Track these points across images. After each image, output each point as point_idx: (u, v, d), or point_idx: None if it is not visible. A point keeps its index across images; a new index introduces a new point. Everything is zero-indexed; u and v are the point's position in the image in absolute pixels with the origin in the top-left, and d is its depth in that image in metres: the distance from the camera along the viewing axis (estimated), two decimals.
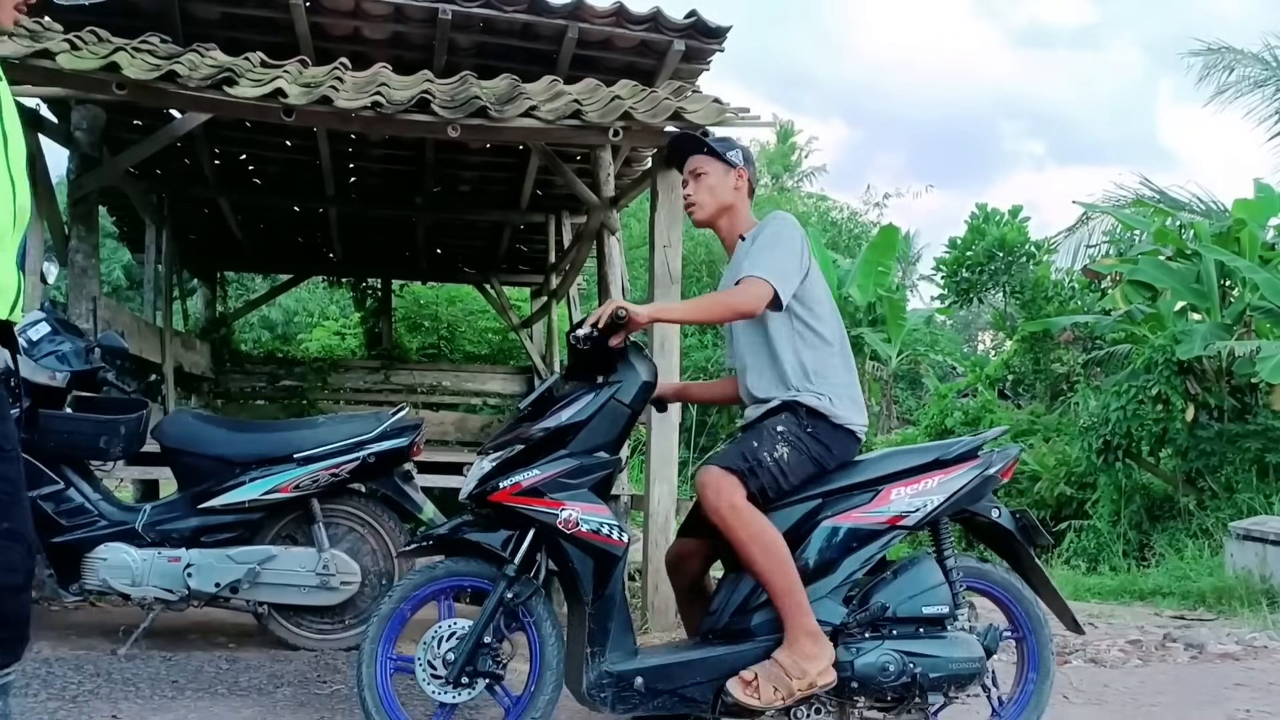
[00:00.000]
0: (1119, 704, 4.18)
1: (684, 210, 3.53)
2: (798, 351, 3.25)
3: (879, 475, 3.25)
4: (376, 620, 3.11)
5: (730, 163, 3.38)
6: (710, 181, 3.36)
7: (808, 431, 3.18)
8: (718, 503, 3.03)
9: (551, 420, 3.11)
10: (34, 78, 4.86)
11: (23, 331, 4.39)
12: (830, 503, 3.20)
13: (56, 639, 4.54)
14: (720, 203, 3.38)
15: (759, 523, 3.05)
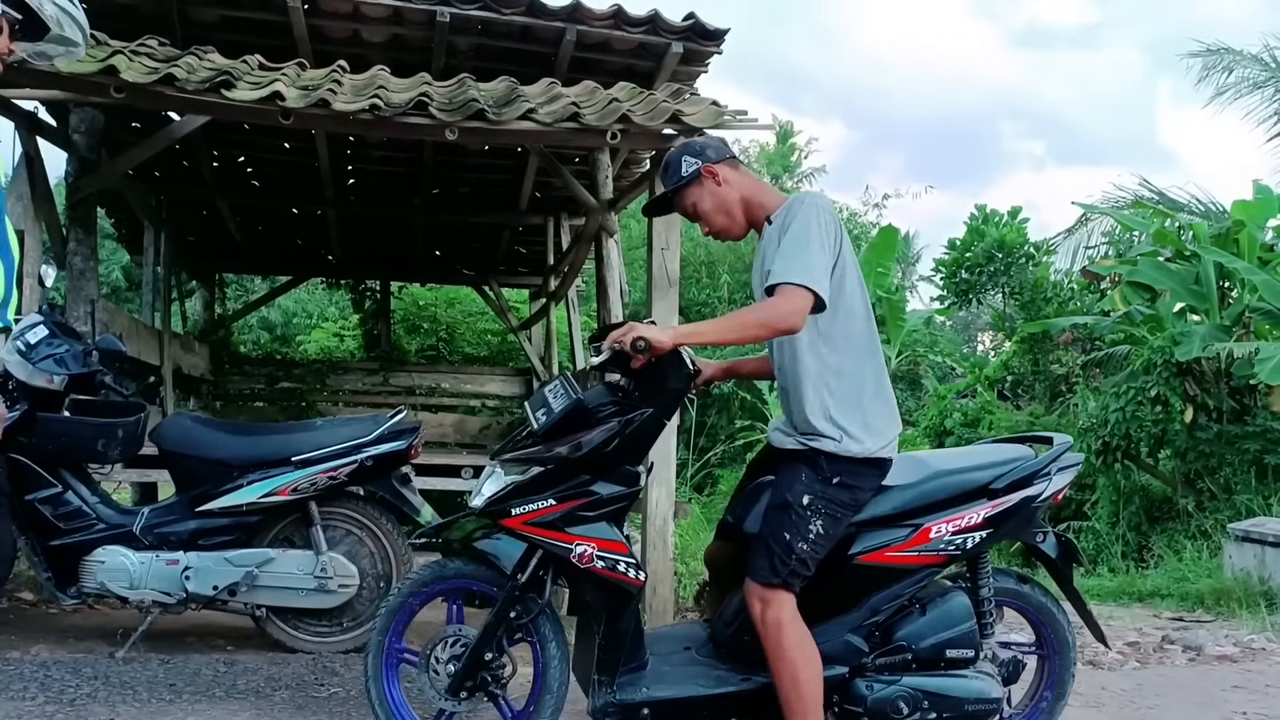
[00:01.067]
0: (1116, 706, 4.18)
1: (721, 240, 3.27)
2: (820, 375, 2.95)
3: (919, 506, 3.06)
4: (385, 612, 3.12)
5: (694, 178, 3.08)
6: (704, 205, 3.10)
7: (834, 484, 2.92)
8: (764, 619, 2.88)
9: (574, 446, 2.91)
10: (32, 80, 4.86)
11: (20, 335, 4.39)
12: (864, 534, 3.03)
13: (54, 642, 4.54)
14: (725, 210, 3.10)
15: (802, 651, 2.88)
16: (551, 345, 10.29)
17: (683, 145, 3.18)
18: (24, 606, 5.22)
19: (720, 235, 3.16)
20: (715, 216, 3.10)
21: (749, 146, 30.64)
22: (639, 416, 2.94)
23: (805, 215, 2.89)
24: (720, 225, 3.12)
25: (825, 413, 2.93)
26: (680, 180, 3.09)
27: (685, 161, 3.08)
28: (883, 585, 3.07)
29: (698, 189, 3.09)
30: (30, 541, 4.36)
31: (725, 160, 3.12)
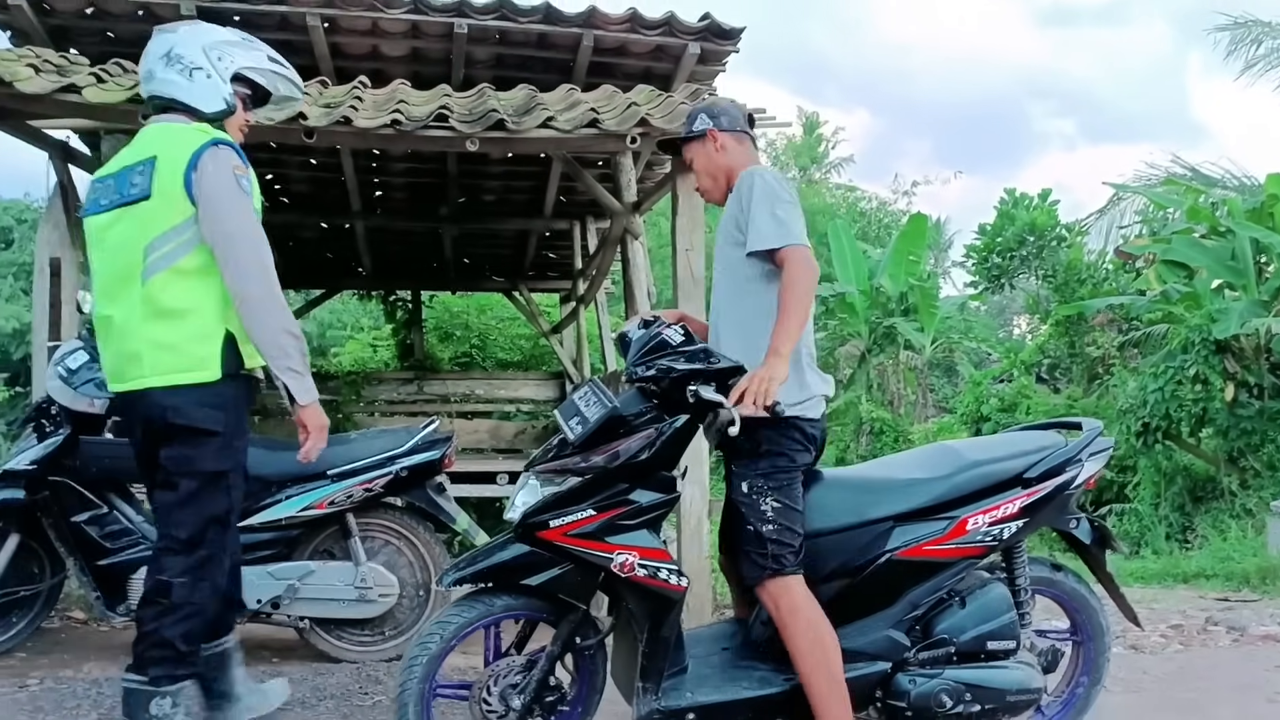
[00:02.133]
0: (1157, 691, 4.16)
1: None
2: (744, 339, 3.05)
3: (955, 498, 3.08)
4: (426, 659, 2.93)
5: (697, 134, 3.25)
6: (699, 164, 3.29)
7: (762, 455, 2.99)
8: (779, 610, 2.95)
9: (611, 456, 2.89)
10: (63, 111, 4.98)
11: (61, 360, 4.50)
12: (901, 528, 3.05)
13: (106, 659, 4.63)
14: (711, 174, 3.28)
15: (816, 629, 2.94)
16: (583, 348, 10.33)
17: (709, 103, 3.37)
18: (75, 625, 5.34)
19: (703, 195, 3.37)
20: (703, 176, 3.31)
21: (775, 139, 30.59)
22: (674, 422, 2.93)
23: (762, 183, 3.06)
24: (705, 185, 3.32)
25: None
26: (689, 133, 3.28)
27: (700, 118, 3.27)
28: (921, 579, 3.08)
29: (700, 146, 3.27)
30: (78, 562, 4.46)
31: (734, 132, 3.28)
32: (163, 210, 3.00)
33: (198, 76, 3.12)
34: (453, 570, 2.99)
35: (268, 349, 3.07)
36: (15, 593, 4.55)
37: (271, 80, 3.26)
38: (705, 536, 5.34)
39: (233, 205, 3.02)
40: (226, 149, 3.05)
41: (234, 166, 3.04)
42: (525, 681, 3.00)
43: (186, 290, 3.04)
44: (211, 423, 3.08)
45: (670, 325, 3.05)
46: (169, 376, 3.04)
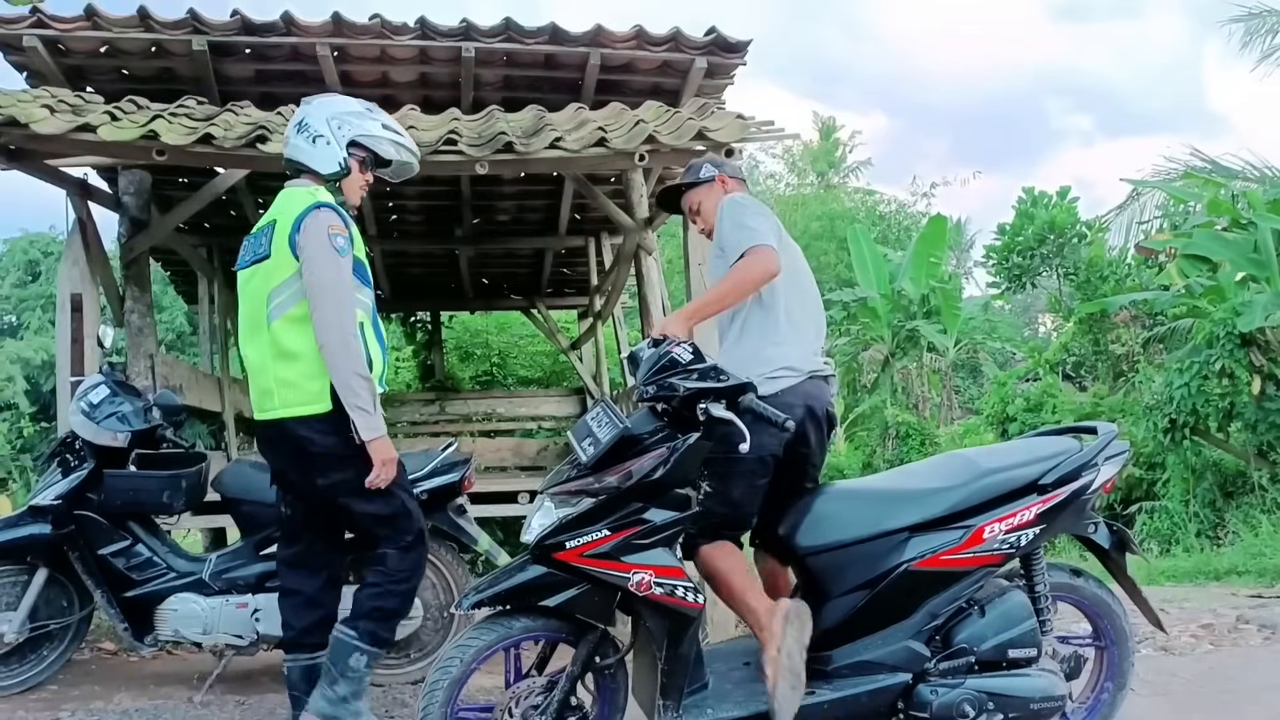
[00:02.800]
0: (1185, 693, 4.12)
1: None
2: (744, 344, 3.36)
3: (971, 506, 3.09)
4: (447, 683, 2.96)
5: (706, 180, 3.60)
6: (707, 205, 3.57)
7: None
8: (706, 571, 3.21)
9: (624, 476, 2.91)
10: (79, 150, 5.06)
11: (83, 395, 4.56)
12: (917, 538, 3.06)
13: (136, 690, 4.68)
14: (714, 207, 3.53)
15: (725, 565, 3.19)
16: (602, 363, 10.35)
17: (709, 156, 3.81)
18: (105, 656, 5.39)
19: (708, 234, 3.58)
20: (710, 216, 3.52)
21: (792, 146, 30.56)
22: (686, 440, 2.94)
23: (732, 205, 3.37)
24: (711, 224, 3.52)
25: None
26: (697, 179, 3.60)
27: (706, 167, 3.62)
28: (939, 589, 3.08)
29: (708, 189, 3.58)
30: (105, 594, 4.51)
31: (738, 179, 3.65)
32: (278, 266, 3.45)
33: (319, 143, 3.57)
34: (472, 593, 3.01)
35: (341, 389, 3.40)
36: (45, 626, 4.61)
37: (383, 146, 3.66)
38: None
39: (321, 262, 3.40)
40: (327, 211, 3.44)
41: (329, 227, 3.42)
42: (546, 702, 3.01)
43: (300, 334, 3.44)
44: (335, 447, 3.46)
45: (680, 343, 3.06)
46: (293, 409, 3.47)
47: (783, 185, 31.29)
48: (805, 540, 3.10)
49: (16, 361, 26.10)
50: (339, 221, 3.45)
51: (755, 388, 2.98)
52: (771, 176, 31.67)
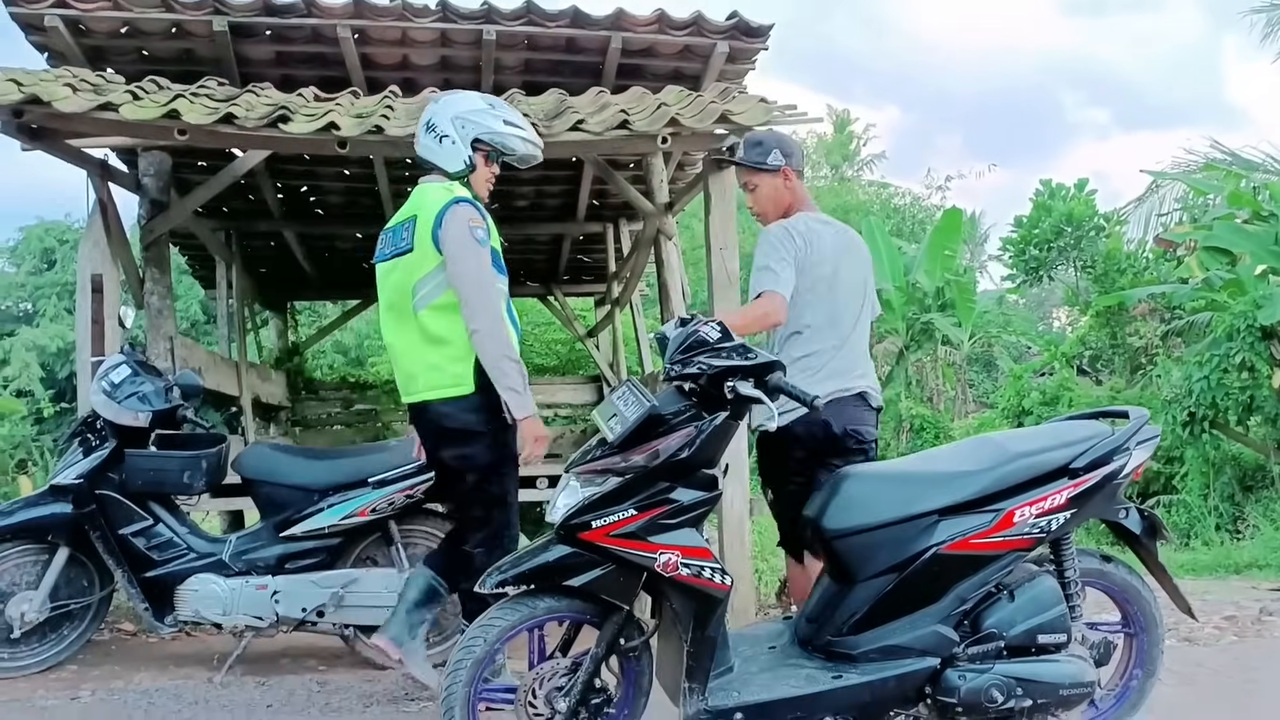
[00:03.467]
0: (1211, 683, 4.09)
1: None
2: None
3: (1001, 489, 3.04)
4: (471, 663, 2.94)
5: (772, 168, 3.70)
6: (764, 191, 3.74)
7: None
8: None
9: (651, 455, 2.88)
10: (100, 129, 5.04)
11: (105, 375, 4.55)
12: (946, 522, 3.02)
13: (156, 670, 4.69)
14: (779, 205, 3.75)
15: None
16: (619, 351, 10.33)
17: (780, 138, 3.78)
18: (125, 637, 5.40)
19: (760, 216, 3.80)
20: (766, 204, 3.75)
21: (806, 138, 30.45)
22: (713, 420, 2.91)
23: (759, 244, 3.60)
24: (765, 211, 3.77)
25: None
26: (763, 164, 3.69)
27: (775, 154, 3.70)
28: (969, 573, 3.04)
29: (770, 178, 3.72)
30: (126, 574, 4.51)
31: (798, 172, 3.78)
32: (421, 260, 3.70)
33: (445, 143, 3.79)
34: (496, 572, 2.99)
35: (491, 371, 3.64)
36: (66, 605, 4.61)
37: (506, 142, 3.85)
38: (747, 536, 5.31)
39: (465, 255, 3.64)
40: (465, 206, 3.68)
41: (469, 221, 3.66)
42: (570, 684, 2.99)
43: (445, 322, 3.70)
44: (474, 425, 3.70)
45: (708, 322, 3.04)
46: (437, 391, 3.72)
47: None
48: (832, 523, 3.07)
49: (32, 349, 26.20)
50: (477, 215, 3.68)
51: (784, 366, 2.95)
52: None
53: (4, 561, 4.54)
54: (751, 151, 3.73)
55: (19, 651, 4.56)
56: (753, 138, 3.82)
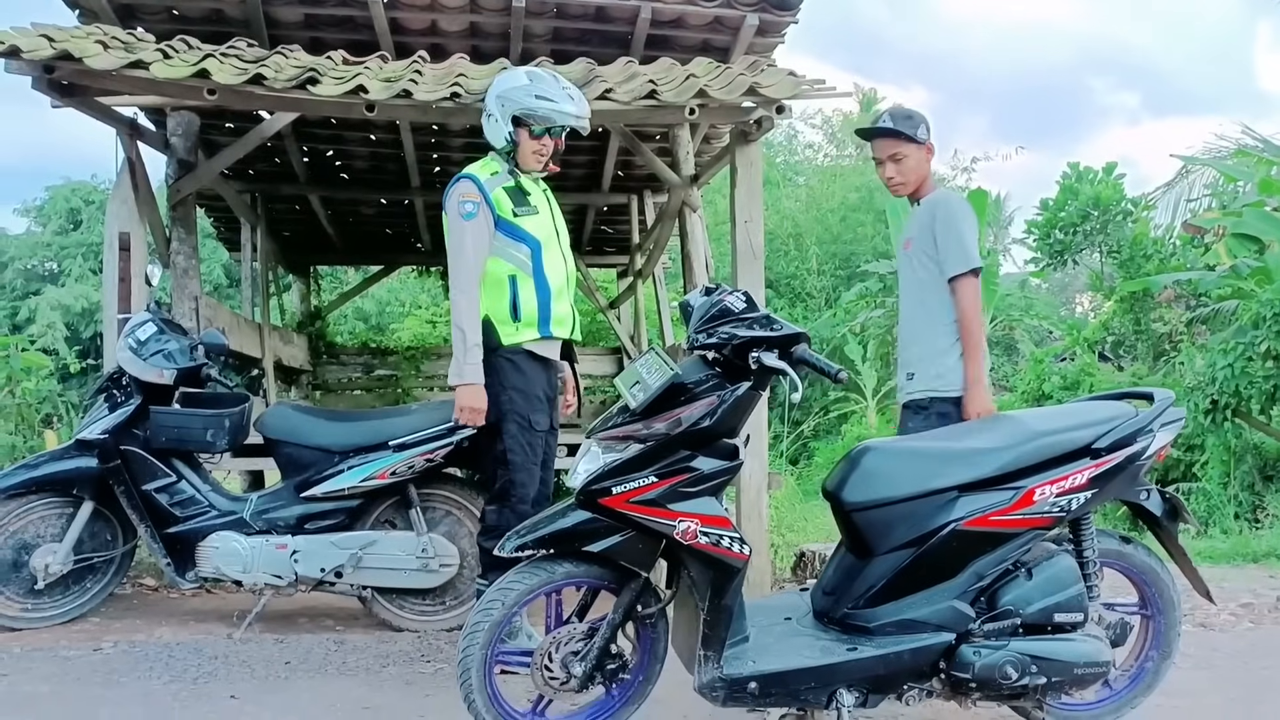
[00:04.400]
0: (1227, 668, 4.09)
1: (885, 184, 3.98)
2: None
3: (1022, 467, 3.03)
4: (489, 626, 2.95)
5: (920, 140, 3.87)
6: (910, 163, 3.89)
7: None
8: None
9: (673, 423, 2.88)
10: (130, 87, 5.06)
11: (131, 332, 4.59)
12: (966, 498, 3.01)
13: (176, 625, 4.75)
14: (920, 177, 3.94)
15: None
16: (640, 323, 10.32)
17: (923, 115, 3.93)
18: (147, 592, 5.47)
19: (896, 188, 3.95)
20: (908, 174, 3.91)
21: (832, 116, 30.24)
22: (736, 390, 2.91)
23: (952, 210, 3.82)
24: (905, 182, 3.92)
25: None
26: (914, 136, 3.86)
27: (924, 129, 3.90)
28: (987, 550, 3.02)
29: (916, 150, 3.90)
30: (149, 529, 4.56)
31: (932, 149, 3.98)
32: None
33: (490, 121, 4.07)
34: (514, 536, 3.01)
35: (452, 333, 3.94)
36: (89, 559, 4.68)
37: (545, 115, 3.97)
38: (765, 509, 5.32)
39: (450, 228, 3.98)
40: (464, 181, 3.96)
41: (460, 195, 3.94)
42: (586, 649, 3.01)
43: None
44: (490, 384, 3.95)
45: (732, 292, 3.03)
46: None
47: (821, 156, 30.97)
48: (852, 495, 3.07)
49: (57, 308, 26.46)
50: (472, 188, 3.92)
51: (809, 337, 2.94)
52: (810, 146, 31.31)
53: (29, 514, 4.61)
54: (904, 123, 3.87)
55: (42, 602, 4.63)
56: (902, 111, 3.94)
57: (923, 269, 3.89)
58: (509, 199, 3.96)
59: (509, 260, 3.95)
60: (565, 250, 4.18)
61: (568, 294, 4.13)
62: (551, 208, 4.17)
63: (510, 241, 3.94)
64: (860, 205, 22.31)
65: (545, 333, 4.00)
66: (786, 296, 19.67)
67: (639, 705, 3.18)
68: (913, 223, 3.98)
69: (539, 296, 3.97)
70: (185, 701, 3.62)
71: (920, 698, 3.04)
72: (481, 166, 4.06)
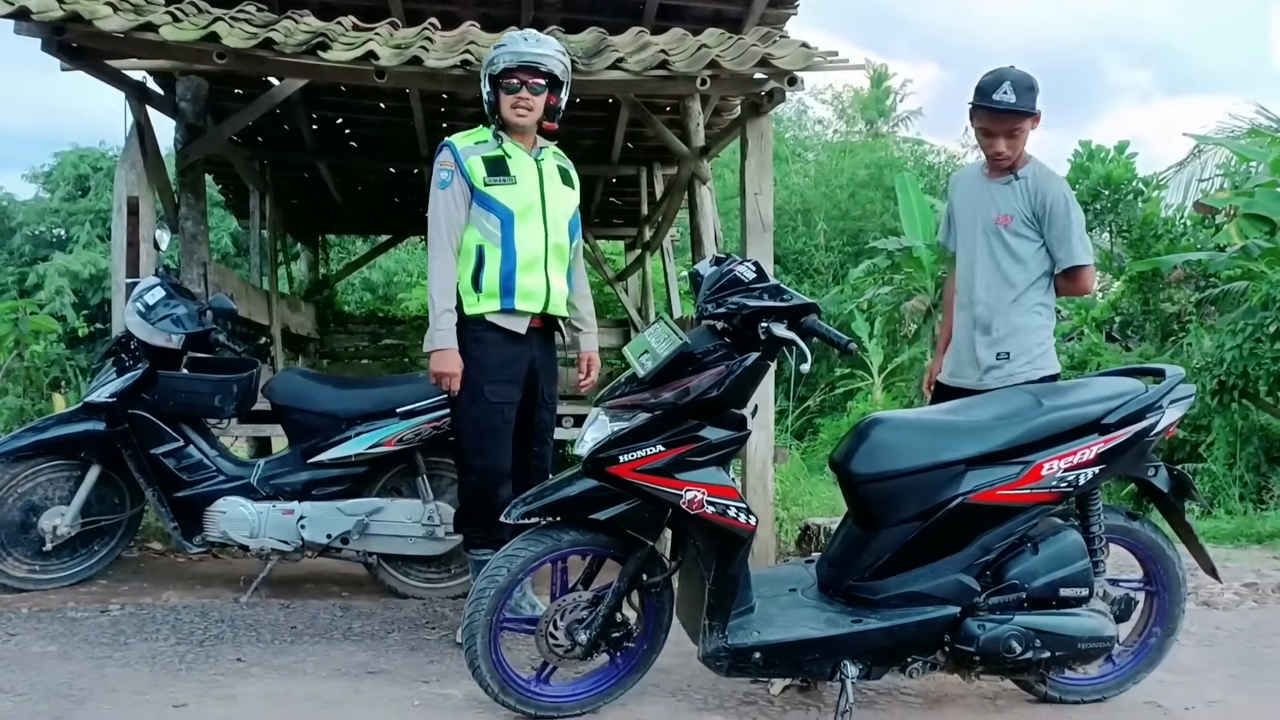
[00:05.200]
0: (1230, 646, 4.10)
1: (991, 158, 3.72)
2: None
3: (1031, 442, 3.04)
4: (494, 592, 2.98)
5: (1036, 112, 3.65)
6: (1024, 137, 3.66)
7: None
8: None
9: (681, 392, 2.90)
10: (139, 50, 5.04)
11: (140, 296, 4.59)
12: (974, 472, 3.02)
13: (183, 588, 4.78)
14: (1022, 150, 3.71)
15: None
16: (648, 296, 10.31)
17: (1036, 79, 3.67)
18: (154, 556, 5.50)
19: (1000, 158, 3.68)
20: (1016, 146, 3.66)
21: (843, 92, 30.08)
22: (744, 360, 2.92)
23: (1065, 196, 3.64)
24: (1012, 154, 3.67)
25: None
26: (1032, 109, 3.63)
27: (1039, 96, 3.66)
28: (994, 524, 3.04)
29: (1030, 123, 3.65)
30: (156, 493, 4.58)
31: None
32: None
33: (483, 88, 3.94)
34: (521, 504, 3.02)
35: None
36: (97, 521, 4.70)
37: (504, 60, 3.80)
38: (770, 483, 5.32)
39: (431, 196, 3.91)
40: (443, 150, 3.91)
41: (439, 163, 3.89)
42: (591, 617, 3.03)
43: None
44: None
45: (742, 262, 3.02)
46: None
47: (831, 131, 30.82)
48: (860, 468, 3.07)
49: (65, 274, 26.46)
50: (448, 156, 3.88)
51: (819, 308, 2.94)
52: (820, 122, 31.18)
53: (37, 476, 4.62)
54: (1026, 96, 3.60)
55: (50, 564, 4.65)
56: (1024, 80, 3.62)
57: (1020, 246, 3.66)
58: (484, 168, 3.84)
59: (480, 230, 3.84)
60: (553, 221, 3.95)
61: (544, 267, 3.89)
62: (541, 177, 3.94)
63: (482, 211, 3.84)
64: (869, 182, 22.21)
65: (508, 305, 3.82)
66: (794, 273, 19.61)
67: (643, 674, 3.21)
68: (1011, 197, 3.68)
69: (503, 268, 3.81)
70: (191, 663, 3.64)
71: (924, 670, 3.06)
72: (466, 135, 3.97)
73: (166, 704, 3.20)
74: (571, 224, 4.08)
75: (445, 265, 3.83)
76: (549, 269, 3.91)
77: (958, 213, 3.90)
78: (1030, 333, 3.66)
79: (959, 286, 3.86)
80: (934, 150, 29.32)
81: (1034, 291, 3.68)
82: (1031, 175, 3.67)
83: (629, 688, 3.20)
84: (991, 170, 3.77)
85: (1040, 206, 3.62)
